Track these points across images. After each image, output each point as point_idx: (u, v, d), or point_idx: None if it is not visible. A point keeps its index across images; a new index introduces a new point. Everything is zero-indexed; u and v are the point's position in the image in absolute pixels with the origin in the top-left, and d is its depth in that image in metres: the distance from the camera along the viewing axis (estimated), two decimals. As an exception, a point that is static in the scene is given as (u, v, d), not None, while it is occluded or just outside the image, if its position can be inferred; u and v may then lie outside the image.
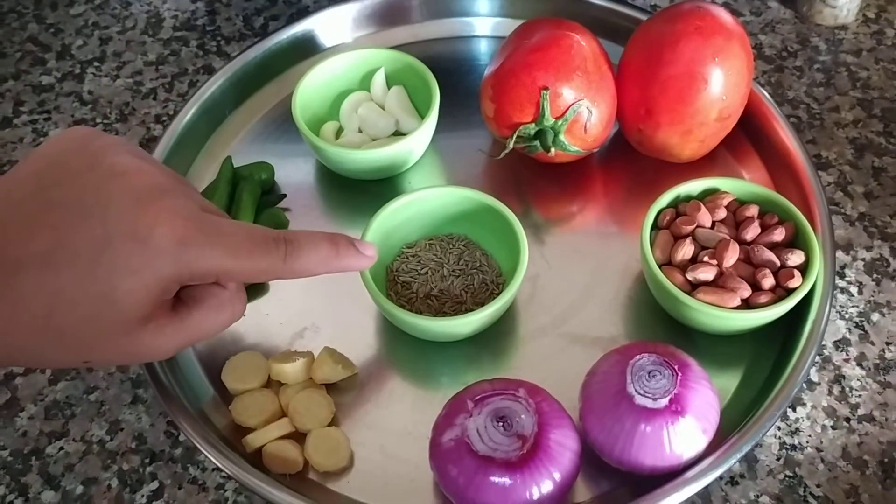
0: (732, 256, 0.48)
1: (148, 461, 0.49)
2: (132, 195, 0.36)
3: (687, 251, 0.49)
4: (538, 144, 0.55)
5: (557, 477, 0.41)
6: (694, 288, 0.48)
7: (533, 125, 0.54)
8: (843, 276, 0.56)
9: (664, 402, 0.42)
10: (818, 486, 0.47)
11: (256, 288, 0.54)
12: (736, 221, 0.51)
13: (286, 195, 0.58)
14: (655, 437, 0.42)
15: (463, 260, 0.53)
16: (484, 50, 0.67)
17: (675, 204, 0.52)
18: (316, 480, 0.47)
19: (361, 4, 0.67)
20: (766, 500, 0.47)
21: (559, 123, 0.54)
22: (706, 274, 0.48)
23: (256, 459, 0.46)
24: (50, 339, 0.36)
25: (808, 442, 0.49)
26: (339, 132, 0.61)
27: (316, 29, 0.66)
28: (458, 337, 0.50)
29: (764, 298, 0.47)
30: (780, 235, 0.50)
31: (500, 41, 0.60)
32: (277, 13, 0.73)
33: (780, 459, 0.48)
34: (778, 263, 0.48)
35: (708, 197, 0.52)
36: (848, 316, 0.54)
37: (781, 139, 0.58)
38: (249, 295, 0.52)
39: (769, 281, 0.48)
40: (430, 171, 0.60)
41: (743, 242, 0.50)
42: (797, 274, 0.48)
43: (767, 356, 0.50)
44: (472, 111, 0.59)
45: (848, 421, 0.50)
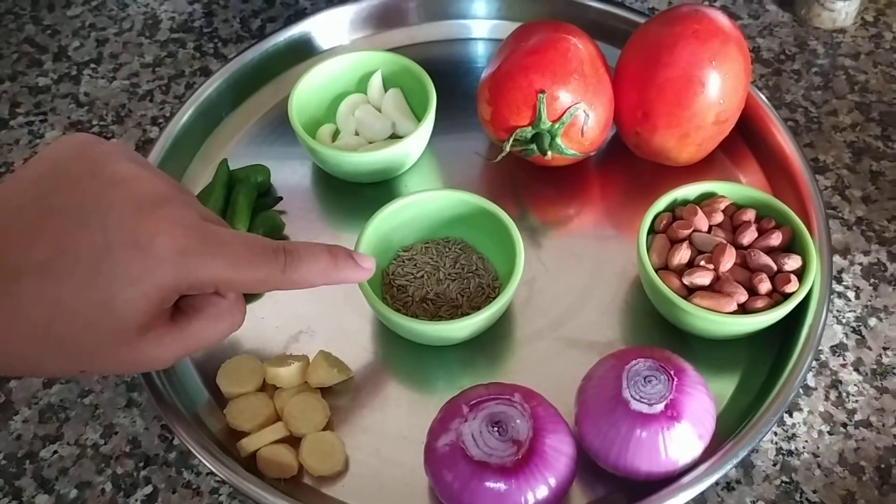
0: (729, 261, 0.48)
1: (142, 465, 0.48)
2: (133, 203, 0.36)
3: (683, 255, 0.49)
4: (535, 148, 0.55)
5: (553, 482, 0.41)
6: (690, 292, 0.48)
7: (530, 128, 0.54)
8: (840, 280, 0.55)
9: (660, 407, 0.42)
10: (814, 491, 0.47)
11: (252, 291, 0.54)
12: (733, 225, 0.51)
13: (282, 198, 0.58)
14: (651, 442, 0.42)
15: (459, 263, 0.53)
16: (481, 52, 0.67)
17: (671, 208, 0.52)
18: (310, 485, 0.46)
19: (358, 7, 0.67)
20: (762, 505, 0.47)
21: (556, 127, 0.53)
22: (703, 278, 0.48)
23: (251, 464, 0.46)
24: (50, 347, 0.36)
25: (804, 447, 0.49)
26: (335, 135, 0.60)
27: (313, 31, 0.66)
28: (453, 341, 0.50)
29: (760, 303, 0.47)
30: (776, 240, 0.49)
31: (496, 44, 0.60)
32: (274, 15, 0.73)
33: (776, 465, 0.48)
34: (775, 268, 0.48)
35: (705, 201, 0.52)
36: (845, 321, 0.54)
37: (779, 143, 0.58)
38: (245, 298, 0.52)
39: (766, 285, 0.47)
40: (426, 174, 0.60)
41: (740, 247, 0.49)
42: (794, 278, 0.48)
43: (764, 361, 0.50)
44: (468, 114, 0.59)
45: (845, 426, 0.49)
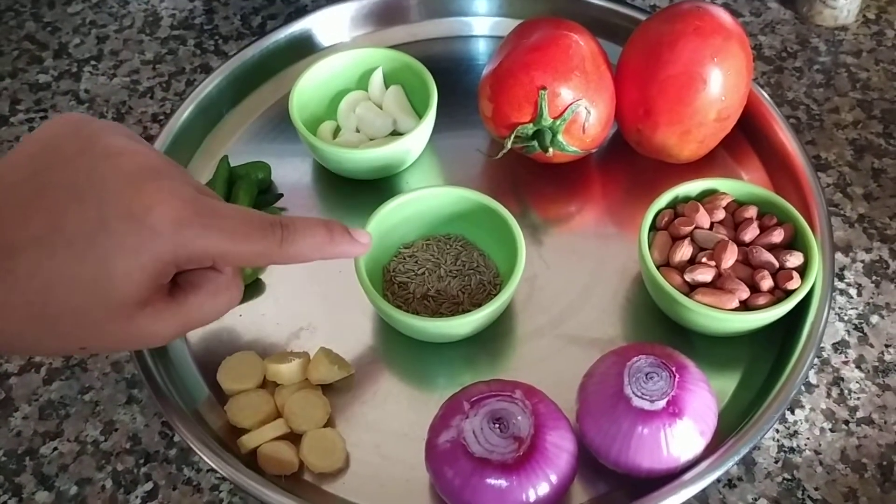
0: (731, 258, 0.48)
1: (142, 462, 0.48)
2: (127, 176, 0.36)
3: (685, 252, 0.49)
4: (536, 144, 0.55)
5: (554, 479, 0.41)
6: (692, 289, 0.48)
7: (531, 125, 0.54)
8: (842, 277, 0.55)
9: (661, 404, 0.42)
10: (816, 489, 0.47)
11: (253, 288, 0.53)
12: (735, 222, 0.51)
13: (283, 195, 0.58)
14: (653, 439, 0.42)
15: (460, 260, 0.53)
16: (482, 49, 0.67)
17: (673, 205, 0.52)
18: (311, 482, 0.46)
19: (359, 4, 0.66)
20: (764, 502, 0.47)
21: (557, 123, 0.53)
22: (704, 275, 0.48)
23: (251, 460, 0.46)
24: (47, 323, 0.35)
25: (806, 444, 0.49)
26: (336, 132, 0.60)
27: (314, 28, 0.66)
28: (454, 338, 0.50)
29: (762, 300, 0.47)
30: (778, 237, 0.49)
31: (498, 41, 0.60)
32: (275, 12, 0.72)
33: (778, 462, 0.48)
34: (777, 265, 0.48)
35: (706, 198, 0.52)
36: (847, 318, 0.54)
37: (781, 140, 0.58)
38: (246, 295, 0.52)
39: (768, 282, 0.47)
40: (427, 170, 0.60)
41: (741, 244, 0.49)
42: (796, 275, 0.47)
43: (766, 358, 0.50)
44: (469, 111, 0.59)
45: (846, 423, 0.49)
